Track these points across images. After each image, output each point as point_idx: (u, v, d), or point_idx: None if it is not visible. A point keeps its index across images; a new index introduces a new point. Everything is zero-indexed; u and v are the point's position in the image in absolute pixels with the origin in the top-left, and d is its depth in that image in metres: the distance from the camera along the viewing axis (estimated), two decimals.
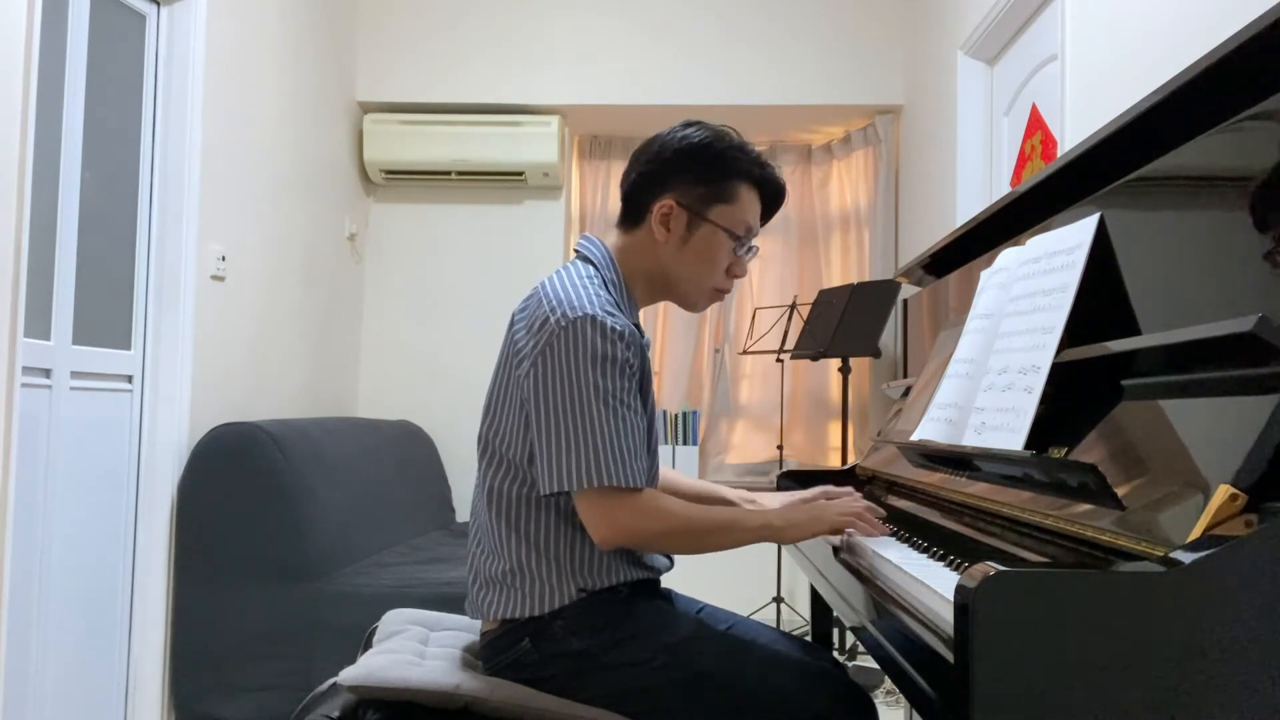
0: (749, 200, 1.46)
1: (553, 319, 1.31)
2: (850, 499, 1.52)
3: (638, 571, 1.40)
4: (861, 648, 3.41)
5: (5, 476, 1.94)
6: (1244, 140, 1.03)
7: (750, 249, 1.50)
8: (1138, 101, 1.21)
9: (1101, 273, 1.23)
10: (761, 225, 1.52)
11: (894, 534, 1.51)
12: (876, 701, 1.38)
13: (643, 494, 1.30)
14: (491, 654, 1.38)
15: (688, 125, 1.45)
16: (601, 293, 1.37)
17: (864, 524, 1.42)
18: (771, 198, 1.50)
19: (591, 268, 1.43)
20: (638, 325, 1.43)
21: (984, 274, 1.58)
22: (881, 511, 1.47)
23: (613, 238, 1.50)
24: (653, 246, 1.45)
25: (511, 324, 1.42)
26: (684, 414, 4.23)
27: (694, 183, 1.43)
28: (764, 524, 1.39)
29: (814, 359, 3.67)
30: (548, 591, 1.34)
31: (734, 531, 1.37)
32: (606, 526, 1.29)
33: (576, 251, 1.49)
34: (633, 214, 1.47)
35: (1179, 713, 0.81)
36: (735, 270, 1.50)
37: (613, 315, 1.32)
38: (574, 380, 1.28)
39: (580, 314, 1.30)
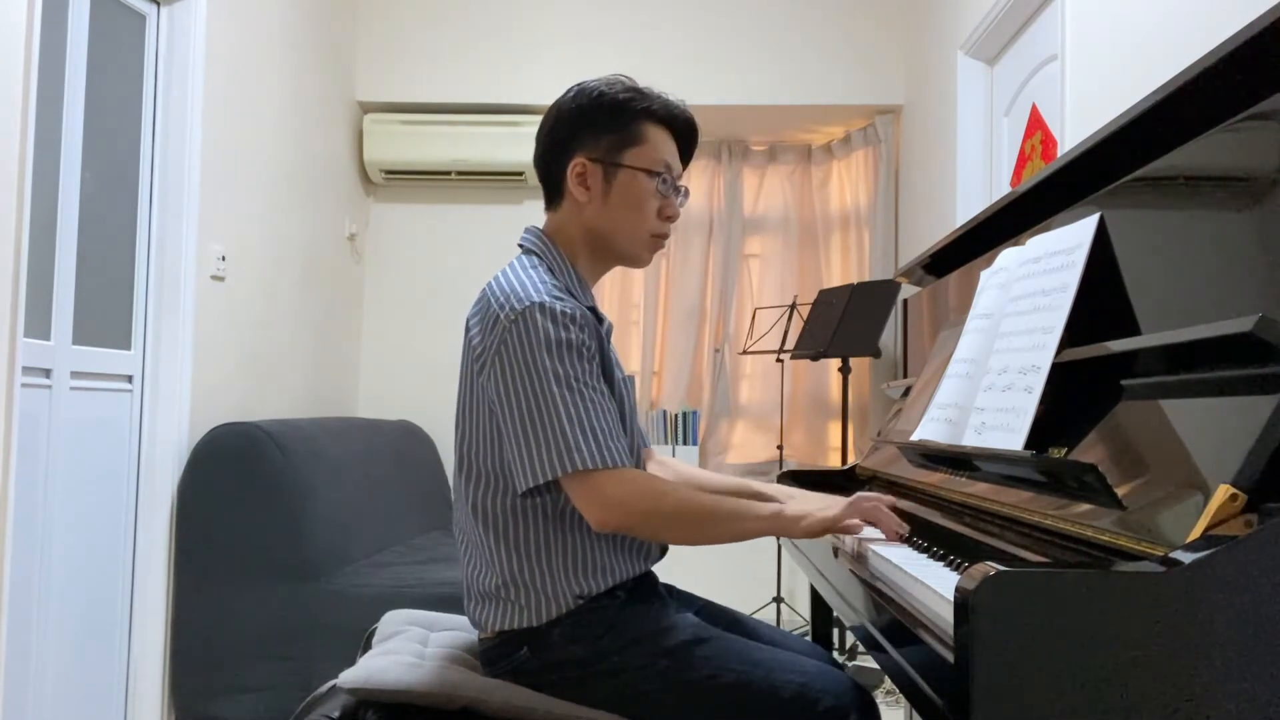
0: (659, 138, 1.44)
1: (503, 315, 1.30)
2: (869, 497, 1.43)
3: (633, 566, 1.38)
4: (861, 648, 3.41)
5: (5, 476, 1.94)
6: (1244, 140, 1.03)
7: (679, 190, 1.47)
8: (1138, 101, 1.21)
9: (1101, 273, 1.23)
10: (683, 164, 1.48)
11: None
12: (876, 701, 1.37)
13: (627, 471, 1.28)
14: (490, 660, 1.37)
15: (580, 84, 1.44)
16: (548, 279, 1.35)
17: (885, 519, 1.36)
18: (682, 131, 1.47)
19: (534, 258, 1.42)
20: (594, 308, 1.42)
21: (984, 274, 1.58)
22: (905, 527, 1.40)
23: (544, 221, 1.49)
24: (579, 210, 1.43)
25: (467, 329, 1.40)
26: (684, 414, 4.23)
27: (599, 134, 1.41)
28: (775, 513, 1.34)
29: (814, 359, 3.67)
30: (544, 602, 1.32)
31: (742, 520, 1.32)
32: (600, 506, 1.26)
33: (520, 246, 1.48)
34: (552, 187, 1.46)
35: (1179, 712, 0.81)
36: (666, 211, 1.45)
37: (561, 300, 1.31)
38: (532, 370, 1.27)
39: (528, 303, 1.29)
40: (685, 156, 1.49)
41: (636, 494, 1.27)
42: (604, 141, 1.41)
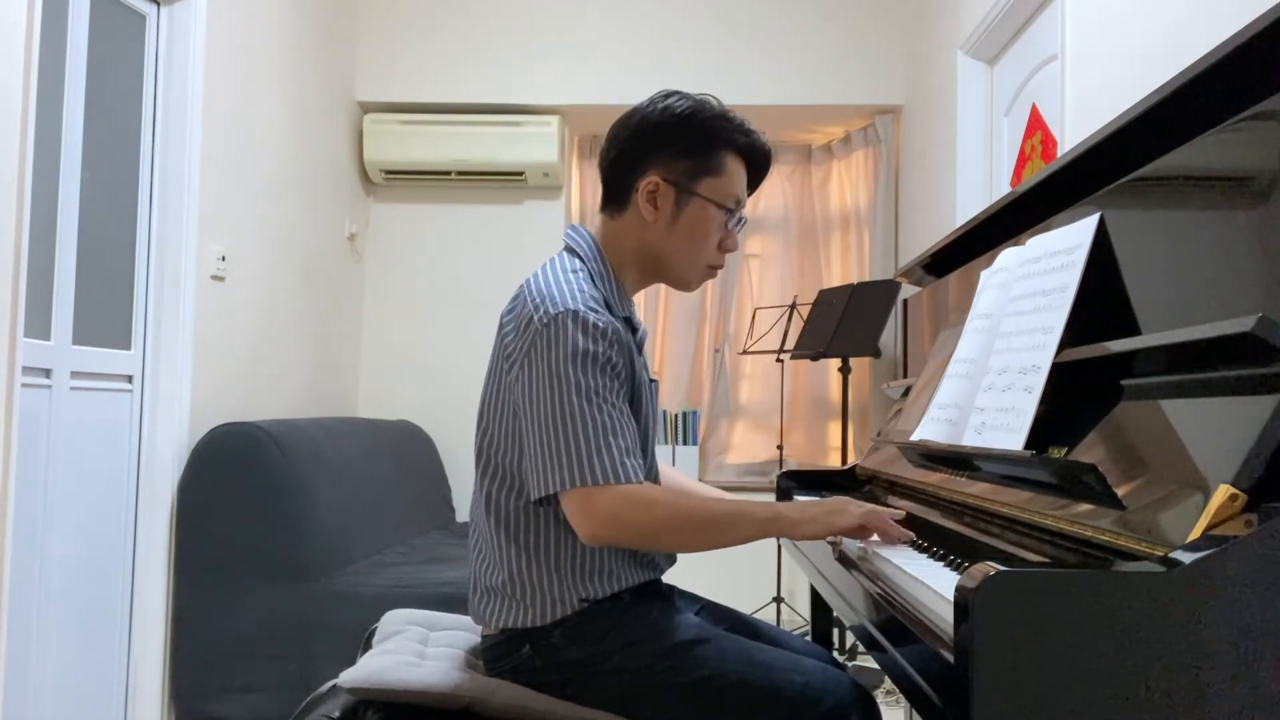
0: (736, 170, 1.41)
1: (536, 317, 1.28)
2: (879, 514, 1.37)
3: (640, 573, 1.38)
4: (861, 648, 3.41)
5: (5, 476, 1.94)
6: (1244, 140, 1.03)
7: (740, 220, 1.44)
8: (1138, 101, 1.21)
9: (1101, 273, 1.23)
10: (749, 194, 1.46)
11: None
12: (876, 701, 1.37)
13: (630, 485, 1.25)
14: (492, 658, 1.38)
15: (667, 96, 1.39)
16: (586, 287, 1.32)
17: (886, 528, 1.34)
18: (758, 166, 1.44)
19: (578, 260, 1.39)
20: (630, 317, 1.40)
21: (984, 274, 1.58)
22: (900, 515, 1.37)
23: (598, 224, 1.45)
24: (641, 227, 1.40)
25: (501, 327, 1.38)
26: (684, 414, 4.23)
27: (679, 156, 1.37)
28: (774, 516, 1.30)
29: (814, 359, 3.67)
30: (548, 602, 1.32)
31: (738, 525, 1.29)
32: (591, 519, 1.23)
33: (565, 243, 1.45)
34: (617, 195, 1.41)
35: (1179, 712, 0.81)
36: (727, 244, 1.43)
37: (596, 311, 1.28)
38: (556, 378, 1.25)
39: (562, 309, 1.27)
40: (753, 187, 1.47)
41: (624, 505, 1.24)
42: (682, 165, 1.38)
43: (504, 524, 1.35)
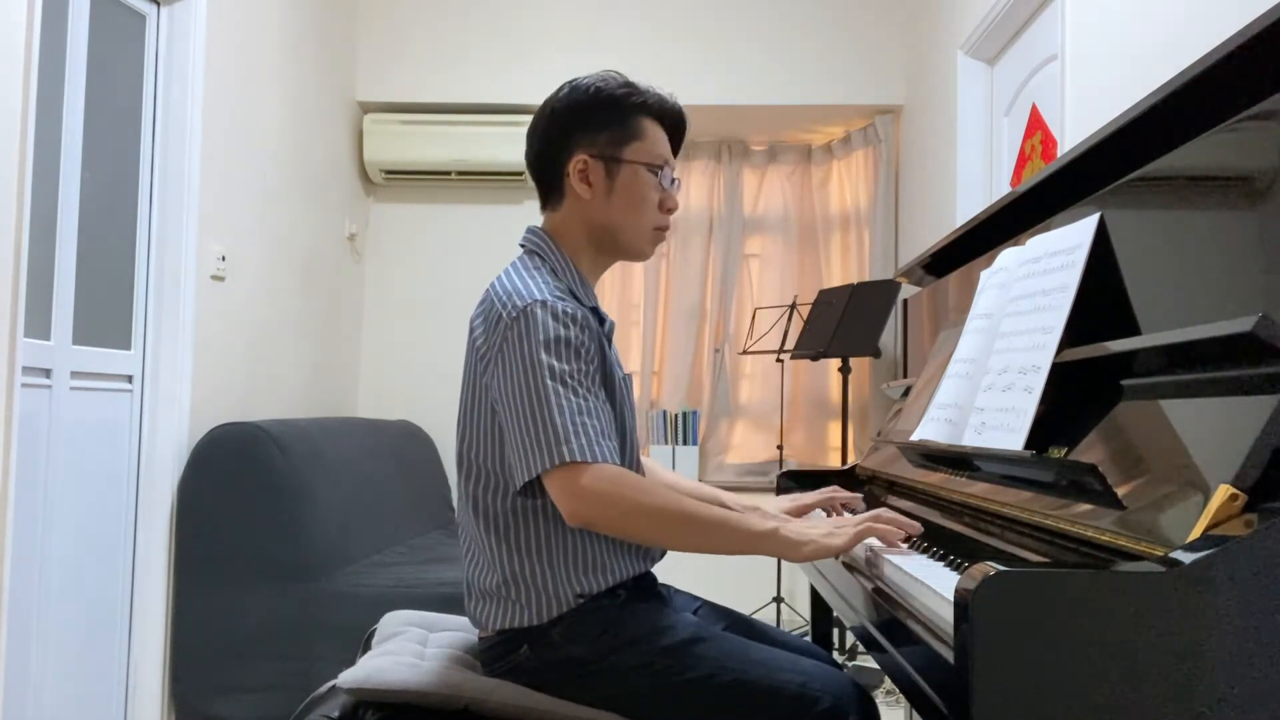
0: (654, 132, 1.45)
1: (505, 313, 1.31)
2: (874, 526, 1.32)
3: (633, 565, 1.38)
4: (861, 648, 3.41)
5: (5, 476, 1.94)
6: (1244, 140, 1.03)
7: (674, 180, 1.48)
8: (1138, 101, 1.21)
9: (1101, 273, 1.23)
10: (674, 155, 1.50)
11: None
12: (876, 701, 1.37)
13: (609, 466, 1.25)
14: (490, 659, 1.38)
15: (569, 83, 1.45)
16: (550, 280, 1.36)
17: (883, 527, 1.29)
18: (674, 123, 1.48)
19: (538, 258, 1.43)
20: (596, 309, 1.42)
21: (984, 274, 1.58)
22: (918, 527, 1.32)
23: (543, 221, 1.49)
24: (581, 209, 1.44)
25: (471, 331, 1.41)
26: (684, 414, 4.23)
27: (598, 130, 1.42)
28: (771, 531, 1.27)
29: (814, 359, 3.67)
30: (545, 600, 1.32)
31: (732, 533, 1.27)
32: (574, 497, 1.23)
33: (522, 246, 1.49)
34: (552, 187, 1.46)
35: (1178, 712, 0.81)
36: (667, 204, 1.47)
37: (563, 300, 1.32)
38: (530, 364, 1.27)
39: (530, 300, 1.30)
40: (675, 148, 1.51)
41: (613, 488, 1.24)
42: (603, 137, 1.42)
43: (493, 526, 1.35)
